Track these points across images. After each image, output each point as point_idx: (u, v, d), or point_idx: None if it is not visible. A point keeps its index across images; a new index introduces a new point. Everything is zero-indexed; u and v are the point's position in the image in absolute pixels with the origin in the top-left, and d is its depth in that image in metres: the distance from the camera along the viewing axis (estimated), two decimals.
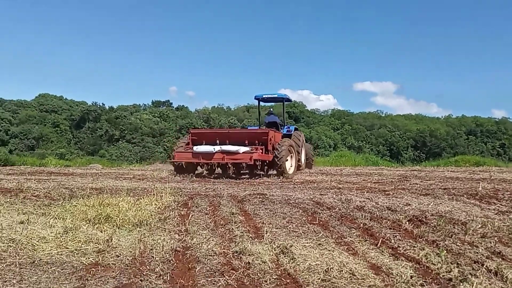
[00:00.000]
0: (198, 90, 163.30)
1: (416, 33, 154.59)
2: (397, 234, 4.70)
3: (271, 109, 16.76)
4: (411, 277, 3.31)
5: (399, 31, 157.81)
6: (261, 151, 12.38)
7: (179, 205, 6.63)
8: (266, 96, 15.85)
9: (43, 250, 3.91)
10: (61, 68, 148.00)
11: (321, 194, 7.84)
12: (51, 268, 3.47)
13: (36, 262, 3.62)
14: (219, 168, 13.35)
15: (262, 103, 17.33)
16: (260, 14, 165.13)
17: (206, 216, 5.76)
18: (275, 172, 13.16)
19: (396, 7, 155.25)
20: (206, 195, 7.89)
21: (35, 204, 6.53)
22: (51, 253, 3.86)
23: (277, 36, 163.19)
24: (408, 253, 3.96)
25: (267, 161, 12.82)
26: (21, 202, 6.65)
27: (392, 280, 3.24)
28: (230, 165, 12.39)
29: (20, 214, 5.54)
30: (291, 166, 13.59)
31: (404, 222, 5.18)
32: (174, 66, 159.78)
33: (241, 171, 13.25)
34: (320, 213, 5.86)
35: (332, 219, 5.51)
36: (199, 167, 13.74)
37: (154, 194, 7.09)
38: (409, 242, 4.34)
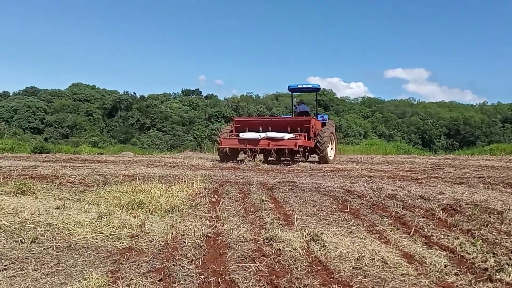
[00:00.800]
0: (226, 79, 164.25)
1: (449, 18, 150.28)
2: (431, 223, 4.61)
3: (302, 99, 17.14)
4: (445, 266, 3.25)
5: (432, 16, 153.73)
6: (304, 138, 13.00)
7: (210, 192, 6.69)
8: (301, 86, 16.08)
9: (78, 235, 4.02)
10: (94, 58, 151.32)
11: (352, 182, 7.76)
12: (86, 252, 3.57)
13: (72, 246, 3.72)
14: (259, 155, 13.97)
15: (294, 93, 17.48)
16: (288, 1, 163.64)
17: (236, 203, 5.79)
18: (314, 158, 14.21)
19: None
20: (236, 182, 7.92)
21: (70, 190, 6.70)
22: (87, 237, 3.96)
23: (305, 23, 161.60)
24: (442, 242, 3.88)
25: (308, 148, 13.55)
26: (57, 188, 6.83)
27: (425, 269, 3.18)
28: (273, 151, 13.14)
29: (56, 200, 5.69)
30: (331, 152, 14.31)
31: (437, 211, 5.07)
32: (203, 55, 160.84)
33: (282, 157, 13.98)
34: (351, 201, 5.80)
35: (363, 207, 5.45)
36: (241, 154, 14.38)
37: (185, 181, 7.17)
38: (443, 231, 4.25)
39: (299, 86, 16.13)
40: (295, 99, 17.42)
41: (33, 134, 69.37)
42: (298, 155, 14.13)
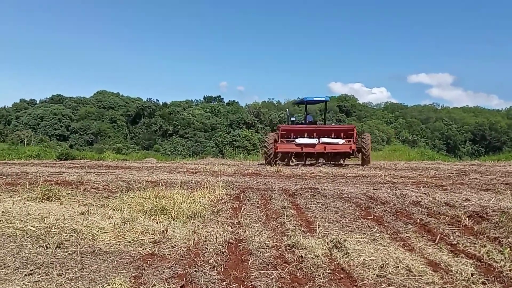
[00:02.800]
0: (247, 85, 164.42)
1: (473, 21, 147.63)
2: (456, 230, 4.51)
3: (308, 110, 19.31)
4: (472, 274, 3.17)
5: (455, 19, 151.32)
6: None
7: (231, 198, 6.69)
8: (317, 98, 18.05)
9: (102, 240, 4.07)
10: (118, 66, 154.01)
11: (375, 189, 7.66)
12: (110, 257, 3.60)
13: (96, 251, 3.76)
14: (294, 158, 16.27)
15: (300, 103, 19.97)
16: (308, 5, 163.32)
17: (258, 209, 5.78)
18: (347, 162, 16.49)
19: None
20: (258, 188, 7.91)
21: (94, 196, 6.79)
22: (110, 243, 4.00)
23: (327, 28, 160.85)
24: (468, 250, 3.79)
25: (352, 151, 15.44)
26: (81, 194, 6.94)
27: (451, 278, 3.11)
28: (315, 154, 15.76)
29: (81, 206, 5.78)
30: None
31: (463, 218, 4.96)
32: (224, 62, 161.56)
33: (319, 160, 16.29)
34: (374, 208, 5.72)
35: (387, 214, 5.36)
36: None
37: (207, 187, 7.19)
38: (469, 238, 4.16)
39: (314, 99, 17.96)
40: (287, 109, 20.38)
41: (58, 141, 70.76)
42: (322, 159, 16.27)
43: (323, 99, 18.16)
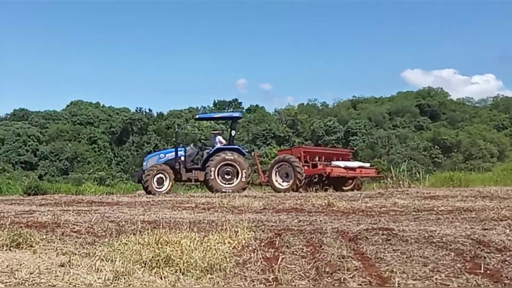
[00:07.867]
0: (276, 82, 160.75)
1: None
2: None
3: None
4: None
5: None
6: None
7: (263, 244, 6.61)
8: (233, 114, 23.98)
9: None
10: (96, 70, 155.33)
11: (484, 229, 7.37)
12: None
13: None
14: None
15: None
16: None
17: (303, 260, 5.67)
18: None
19: None
20: (300, 230, 7.76)
21: (76, 241, 6.83)
22: None
23: None
24: None
25: None
26: (59, 239, 6.99)
27: None
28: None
29: (59, 255, 5.81)
30: None
31: None
32: (241, 52, 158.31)
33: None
34: (485, 258, 5.51)
35: (507, 267, 5.17)
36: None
37: (226, 229, 7.15)
38: None
39: (234, 115, 23.23)
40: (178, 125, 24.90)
41: (24, 170, 72.21)
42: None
43: (238, 115, 24.17)
